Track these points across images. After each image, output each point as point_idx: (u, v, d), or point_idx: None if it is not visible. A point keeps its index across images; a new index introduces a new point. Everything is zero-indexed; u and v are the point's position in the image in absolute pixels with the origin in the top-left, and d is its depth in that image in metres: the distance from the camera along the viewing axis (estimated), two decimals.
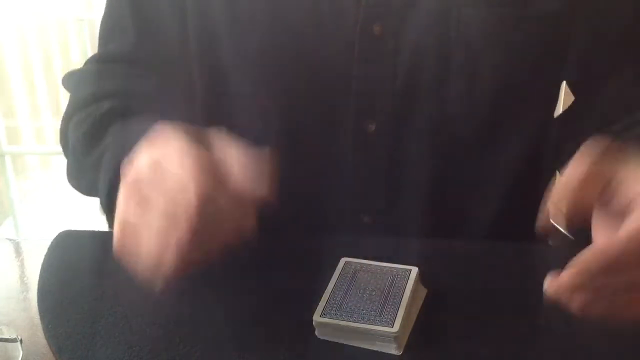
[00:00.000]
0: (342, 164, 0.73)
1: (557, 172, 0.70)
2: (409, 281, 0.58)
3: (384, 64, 0.69)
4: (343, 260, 0.61)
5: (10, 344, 0.55)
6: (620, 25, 0.69)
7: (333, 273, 0.59)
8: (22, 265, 0.71)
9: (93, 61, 0.79)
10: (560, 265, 0.50)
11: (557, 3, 0.66)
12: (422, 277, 0.59)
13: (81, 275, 0.65)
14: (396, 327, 0.53)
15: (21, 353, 0.55)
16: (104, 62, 0.77)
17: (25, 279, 0.68)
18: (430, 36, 0.67)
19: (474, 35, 0.66)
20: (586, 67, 0.71)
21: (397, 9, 0.67)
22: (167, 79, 0.74)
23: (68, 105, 0.76)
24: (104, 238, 0.71)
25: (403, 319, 0.54)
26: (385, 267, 0.60)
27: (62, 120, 0.75)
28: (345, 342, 0.55)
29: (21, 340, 0.56)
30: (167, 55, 0.75)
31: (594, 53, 0.70)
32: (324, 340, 0.55)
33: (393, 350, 0.54)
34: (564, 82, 0.75)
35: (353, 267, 0.60)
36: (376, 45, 0.68)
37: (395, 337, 0.53)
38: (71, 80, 0.78)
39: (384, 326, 0.54)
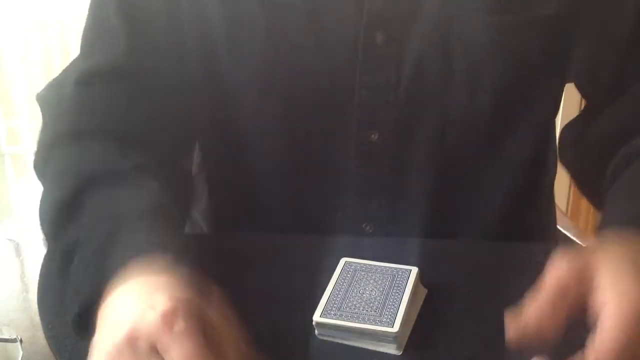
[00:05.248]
0: (345, 172, 0.72)
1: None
2: (409, 281, 0.58)
3: (386, 73, 0.68)
4: (343, 260, 0.61)
5: (10, 344, 0.55)
6: (624, 27, 0.69)
7: (333, 273, 0.59)
8: (22, 265, 0.71)
9: (75, 81, 0.71)
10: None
11: (556, 7, 0.66)
12: (422, 277, 0.59)
13: None
14: (396, 327, 0.53)
15: (21, 353, 0.55)
16: (87, 83, 0.70)
17: (25, 279, 0.68)
18: (432, 44, 0.67)
19: (476, 43, 0.66)
20: (592, 70, 0.71)
21: (400, 17, 0.67)
22: (159, 92, 0.69)
23: (47, 131, 0.68)
24: None
25: (403, 319, 0.54)
26: (385, 267, 0.60)
27: (39, 144, 0.68)
28: (345, 342, 0.55)
29: (21, 340, 0.56)
30: (160, 65, 0.70)
31: (598, 55, 0.70)
32: (324, 340, 0.55)
33: (393, 350, 0.54)
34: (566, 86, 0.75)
35: (353, 267, 0.60)
36: (379, 53, 0.68)
37: (395, 337, 0.53)
38: (52, 100, 0.73)
39: (384, 326, 0.54)
